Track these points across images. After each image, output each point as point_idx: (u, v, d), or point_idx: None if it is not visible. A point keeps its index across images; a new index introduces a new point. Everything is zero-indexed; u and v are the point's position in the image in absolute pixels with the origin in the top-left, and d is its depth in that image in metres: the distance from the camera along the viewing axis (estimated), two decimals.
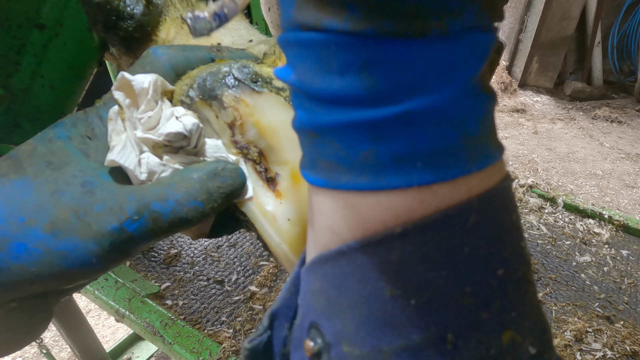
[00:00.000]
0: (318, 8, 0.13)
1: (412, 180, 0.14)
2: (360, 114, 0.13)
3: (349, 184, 0.15)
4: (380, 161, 0.14)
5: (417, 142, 0.13)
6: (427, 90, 0.13)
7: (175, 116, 0.25)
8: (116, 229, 0.22)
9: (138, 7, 0.38)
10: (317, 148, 0.15)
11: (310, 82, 0.14)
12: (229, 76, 0.26)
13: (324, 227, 0.16)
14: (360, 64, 0.13)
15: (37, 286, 0.22)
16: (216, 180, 0.25)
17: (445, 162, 0.14)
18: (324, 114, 0.14)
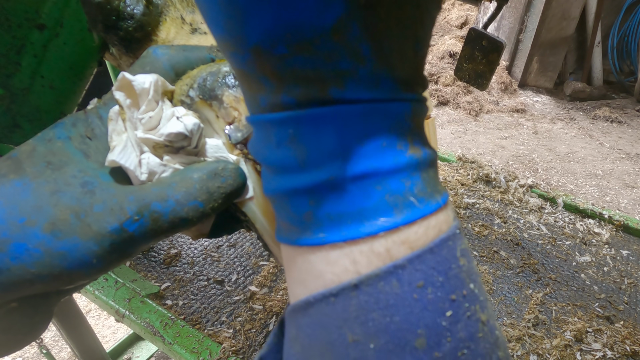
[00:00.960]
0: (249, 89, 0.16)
1: (346, 235, 0.15)
2: (297, 181, 0.16)
3: (300, 240, 0.16)
4: (318, 220, 0.16)
5: (345, 203, 0.15)
6: (347, 155, 0.15)
7: (176, 116, 0.25)
8: (116, 230, 0.22)
9: (138, 7, 0.38)
10: (277, 211, 0.17)
11: (262, 155, 0.16)
12: (229, 76, 0.26)
13: (293, 279, 0.18)
14: (288, 137, 0.15)
15: (38, 287, 0.22)
16: (216, 180, 0.25)
17: (375, 218, 0.15)
18: (273, 182, 0.17)
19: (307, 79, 0.14)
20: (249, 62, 0.14)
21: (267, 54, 0.14)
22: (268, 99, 0.15)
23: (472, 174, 1.10)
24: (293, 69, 0.14)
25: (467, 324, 0.15)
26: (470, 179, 1.09)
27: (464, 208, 0.99)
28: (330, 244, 0.16)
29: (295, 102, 0.14)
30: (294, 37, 0.13)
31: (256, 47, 0.14)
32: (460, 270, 0.16)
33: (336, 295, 0.16)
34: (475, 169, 1.12)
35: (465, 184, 1.08)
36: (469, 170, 1.11)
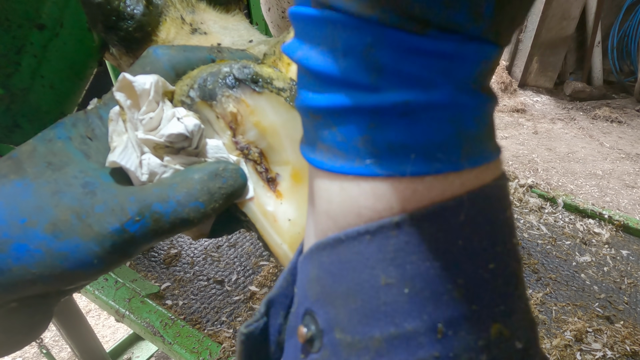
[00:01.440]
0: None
1: (405, 170, 0.14)
2: (359, 98, 0.14)
3: (345, 168, 0.15)
4: (375, 148, 0.14)
5: (413, 133, 0.14)
6: (425, 84, 0.13)
7: (176, 117, 0.25)
8: (117, 230, 0.22)
9: (138, 7, 0.38)
10: (317, 129, 0.15)
11: (315, 61, 0.14)
12: (229, 76, 0.26)
13: (322, 212, 0.16)
14: (363, 47, 0.13)
15: (39, 287, 0.22)
16: (217, 181, 0.25)
17: (440, 156, 0.14)
18: (325, 95, 0.14)
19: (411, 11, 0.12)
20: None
21: None
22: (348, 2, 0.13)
23: None
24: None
25: (507, 279, 0.15)
26: None
27: None
28: (382, 177, 0.14)
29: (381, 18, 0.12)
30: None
31: None
32: (506, 222, 0.15)
33: (373, 234, 0.14)
34: None
35: None
36: None
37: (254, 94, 0.26)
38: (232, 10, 0.42)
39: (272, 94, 0.27)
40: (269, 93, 0.27)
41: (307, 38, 0.15)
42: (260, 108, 0.26)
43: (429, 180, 0.14)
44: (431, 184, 0.14)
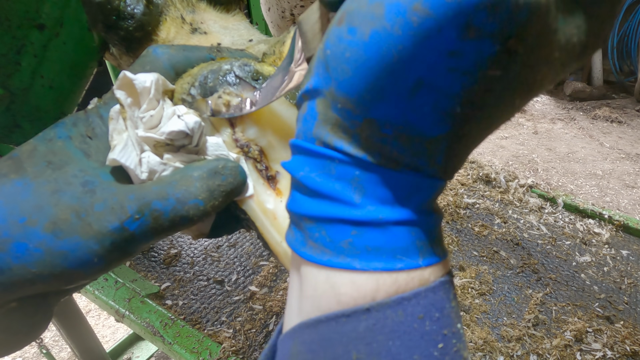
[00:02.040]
0: (332, 130, 0.18)
1: (377, 267, 0.18)
2: (346, 212, 0.18)
3: (331, 262, 0.18)
4: (356, 249, 0.18)
5: (384, 240, 0.18)
6: (394, 205, 0.18)
7: (177, 115, 0.25)
8: (117, 228, 0.22)
9: (138, 6, 0.38)
10: (309, 230, 0.19)
11: (314, 181, 0.18)
12: (230, 74, 0.26)
13: (308, 297, 0.20)
14: (352, 176, 0.18)
15: (39, 286, 0.22)
16: (217, 179, 0.25)
17: (403, 257, 0.18)
18: (319, 207, 0.18)
19: (389, 155, 0.17)
20: (355, 122, 0.17)
21: (375, 127, 0.17)
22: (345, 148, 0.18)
23: (472, 173, 1.10)
24: (384, 145, 0.17)
25: (453, 357, 0.18)
26: (471, 179, 1.09)
27: (464, 208, 0.99)
28: (360, 271, 0.18)
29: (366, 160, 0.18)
30: (403, 129, 0.16)
31: (371, 120, 0.17)
32: (452, 310, 0.19)
33: (348, 316, 0.18)
34: (475, 168, 1.12)
35: (465, 183, 1.08)
36: (469, 170, 1.11)
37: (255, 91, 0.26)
38: (232, 10, 0.43)
39: None
40: None
41: (307, 163, 0.19)
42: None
43: (395, 275, 0.18)
44: (396, 278, 0.18)
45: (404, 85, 0.15)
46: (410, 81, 0.15)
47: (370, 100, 0.16)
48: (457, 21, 0.14)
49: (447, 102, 0.16)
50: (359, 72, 0.16)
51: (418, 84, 0.15)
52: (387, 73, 0.15)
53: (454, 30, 0.14)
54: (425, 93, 0.15)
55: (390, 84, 0.15)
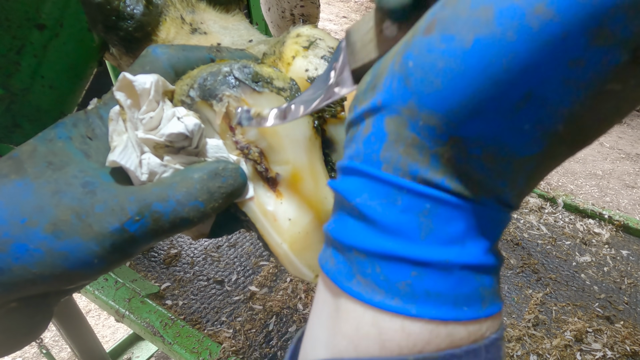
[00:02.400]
0: (406, 152, 0.16)
1: (436, 315, 0.16)
2: (408, 250, 0.16)
3: (383, 304, 0.17)
4: (414, 292, 0.16)
5: (447, 285, 0.16)
6: (465, 247, 0.16)
7: (176, 117, 0.25)
8: (117, 230, 0.22)
9: (138, 7, 0.38)
10: (359, 265, 0.17)
11: (375, 210, 0.17)
12: (229, 76, 0.26)
13: (344, 334, 0.18)
14: (420, 210, 0.16)
15: (39, 287, 0.22)
16: (217, 180, 0.25)
17: (465, 305, 0.16)
18: (377, 240, 0.17)
19: (470, 178, 0.16)
20: (438, 141, 0.15)
21: (462, 147, 0.15)
22: (421, 172, 0.16)
23: None
24: (468, 166, 0.15)
25: None
26: None
27: None
28: (415, 317, 0.16)
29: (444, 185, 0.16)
30: (493, 149, 0.15)
31: (458, 138, 0.15)
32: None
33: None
34: None
35: None
36: None
37: (254, 94, 0.26)
38: (232, 10, 0.43)
39: (272, 94, 0.27)
40: (269, 93, 0.27)
41: (367, 189, 0.17)
42: (261, 108, 0.26)
43: (452, 326, 0.16)
44: (453, 330, 0.16)
45: (509, 99, 0.14)
46: (517, 95, 0.14)
47: (463, 116, 0.14)
48: (589, 24, 0.12)
49: (552, 119, 0.14)
50: (453, 84, 0.14)
51: (525, 98, 0.14)
52: (490, 85, 0.14)
53: (583, 35, 0.12)
54: (530, 108, 0.14)
55: (492, 98, 0.14)
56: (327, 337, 0.19)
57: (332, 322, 0.19)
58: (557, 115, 0.14)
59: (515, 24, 0.13)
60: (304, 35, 0.30)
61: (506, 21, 0.13)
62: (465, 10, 0.14)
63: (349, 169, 0.18)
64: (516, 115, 0.14)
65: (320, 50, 0.30)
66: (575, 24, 0.12)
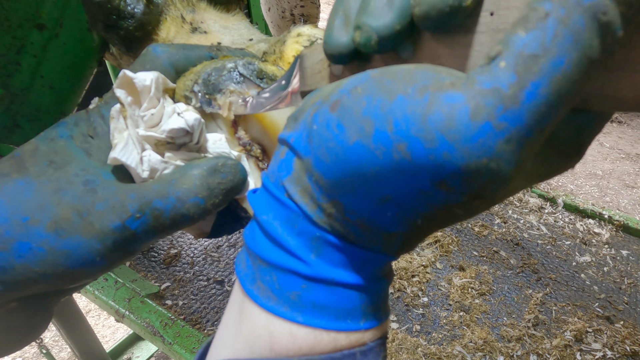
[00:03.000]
0: (301, 193, 0.18)
1: (320, 324, 0.18)
2: (299, 266, 0.18)
3: (274, 309, 0.19)
4: (302, 302, 0.18)
5: (332, 299, 0.18)
6: (348, 271, 0.18)
7: (176, 112, 0.25)
8: (119, 227, 0.22)
9: (138, 6, 0.38)
10: (261, 272, 0.19)
11: (276, 230, 0.19)
12: (234, 72, 0.26)
13: (243, 336, 0.20)
14: (313, 235, 0.18)
15: (41, 285, 0.22)
16: (216, 176, 0.24)
17: (348, 318, 0.19)
18: (276, 254, 0.19)
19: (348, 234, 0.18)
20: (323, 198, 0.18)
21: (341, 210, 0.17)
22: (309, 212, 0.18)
23: None
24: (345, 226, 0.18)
25: None
26: None
27: None
28: (301, 324, 0.18)
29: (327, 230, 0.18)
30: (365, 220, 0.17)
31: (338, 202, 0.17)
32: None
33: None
34: None
35: None
36: None
37: (259, 90, 0.26)
38: (232, 9, 0.43)
39: None
40: None
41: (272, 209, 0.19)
42: None
43: (334, 334, 0.19)
44: (335, 338, 0.19)
45: (373, 194, 0.16)
46: (379, 194, 0.16)
47: (341, 190, 0.17)
48: (433, 176, 0.14)
49: (410, 215, 0.17)
50: (336, 164, 0.16)
51: (386, 198, 0.16)
52: (361, 179, 0.16)
53: (428, 180, 0.15)
54: (390, 205, 0.16)
55: (362, 188, 0.16)
56: (229, 338, 0.21)
57: (234, 323, 0.21)
58: (414, 213, 0.16)
59: (383, 148, 0.15)
60: (304, 34, 0.30)
61: (378, 142, 0.15)
62: (359, 112, 0.16)
63: (264, 184, 0.20)
64: (380, 205, 0.16)
65: None
66: (423, 171, 0.14)
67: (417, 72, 0.15)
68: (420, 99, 0.14)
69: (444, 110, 0.14)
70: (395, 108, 0.15)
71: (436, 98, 0.14)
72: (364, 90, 0.16)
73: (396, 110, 0.15)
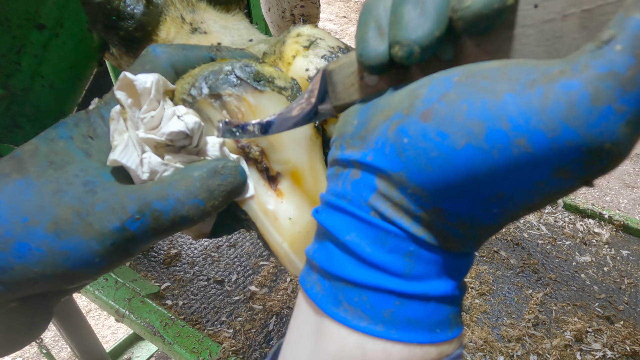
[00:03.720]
0: (393, 208, 0.18)
1: (415, 339, 0.19)
2: (393, 283, 0.18)
3: (367, 329, 0.19)
4: (396, 319, 0.19)
5: (425, 313, 0.19)
6: (441, 282, 0.19)
7: (176, 115, 0.25)
8: (118, 228, 0.22)
9: (138, 6, 0.38)
10: (346, 294, 0.19)
11: (364, 249, 0.19)
12: (231, 75, 0.26)
13: (328, 353, 0.20)
14: (406, 251, 0.18)
15: (41, 286, 0.22)
16: (216, 178, 0.25)
17: (438, 329, 0.19)
18: (365, 274, 0.19)
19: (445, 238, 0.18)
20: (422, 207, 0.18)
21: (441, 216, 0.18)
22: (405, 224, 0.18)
23: None
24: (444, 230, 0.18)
25: None
26: None
27: None
28: (395, 341, 0.19)
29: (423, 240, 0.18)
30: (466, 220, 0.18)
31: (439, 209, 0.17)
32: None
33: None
34: None
35: None
36: None
37: (256, 93, 0.26)
38: (232, 9, 0.43)
39: (273, 93, 0.27)
40: (271, 92, 0.27)
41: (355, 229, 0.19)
42: (262, 106, 0.26)
43: (426, 347, 0.19)
44: (427, 350, 0.19)
45: (484, 193, 0.16)
46: (491, 192, 0.16)
47: (446, 196, 0.17)
48: (554, 165, 0.15)
49: (515, 208, 0.17)
50: (442, 172, 0.16)
51: (497, 195, 0.16)
52: (472, 181, 0.16)
53: (548, 169, 0.15)
54: (500, 201, 0.17)
55: (471, 190, 0.16)
56: (308, 356, 0.21)
57: (313, 342, 0.21)
58: (520, 206, 0.17)
59: (500, 146, 0.15)
60: (304, 34, 0.30)
61: (493, 141, 0.15)
62: (461, 116, 0.16)
63: (335, 207, 0.20)
64: (488, 204, 0.17)
65: (321, 50, 0.30)
66: (544, 162, 0.15)
67: (513, 69, 0.15)
68: (532, 92, 0.14)
69: (563, 98, 0.14)
70: (506, 106, 0.15)
71: (550, 89, 0.14)
72: (459, 95, 0.16)
73: (508, 108, 0.15)
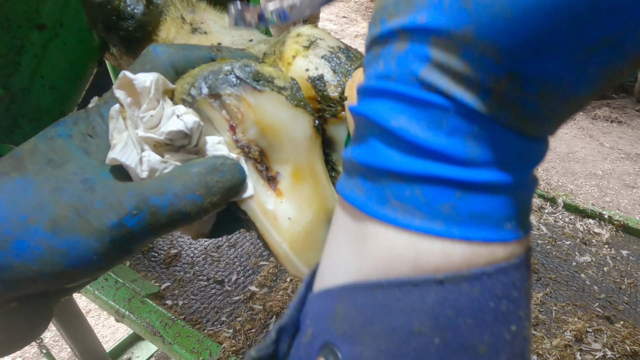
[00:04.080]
0: (453, 79, 0.15)
1: (480, 236, 0.16)
2: (453, 171, 0.15)
3: (422, 227, 0.16)
4: (457, 214, 0.16)
5: (493, 206, 0.16)
6: (510, 170, 0.16)
7: (176, 114, 0.25)
8: (116, 225, 0.22)
9: (138, 6, 0.38)
10: (395, 190, 0.16)
11: (415, 133, 0.16)
12: (230, 75, 0.26)
13: (374, 257, 0.17)
14: (469, 132, 0.15)
15: (40, 284, 0.22)
16: (215, 175, 0.25)
17: (507, 225, 0.16)
18: (417, 163, 0.16)
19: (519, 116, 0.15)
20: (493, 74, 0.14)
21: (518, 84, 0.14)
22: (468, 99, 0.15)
23: None
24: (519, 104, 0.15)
25: (522, 341, 0.16)
26: None
27: None
28: (456, 239, 0.16)
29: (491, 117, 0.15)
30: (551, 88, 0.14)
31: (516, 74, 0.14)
32: (527, 290, 0.17)
33: (417, 285, 0.16)
34: None
35: None
36: None
37: (255, 92, 0.26)
38: None
39: (273, 93, 0.27)
40: (270, 92, 0.27)
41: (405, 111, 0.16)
42: (261, 106, 0.26)
43: (493, 247, 0.16)
44: (494, 250, 0.16)
45: (586, 40, 0.13)
46: (596, 37, 0.13)
47: (529, 53, 0.13)
48: None
49: (620, 62, 0.13)
50: (526, 16, 0.13)
51: (603, 41, 0.13)
52: (570, 23, 0.12)
53: None
54: (604, 51, 0.13)
55: (568, 37, 0.13)
56: (349, 263, 0.18)
57: (355, 248, 0.18)
58: (626, 58, 0.13)
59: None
60: (304, 35, 0.30)
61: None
62: None
63: (377, 90, 0.17)
64: (587, 57, 0.13)
65: (321, 50, 0.30)
66: None
67: None
68: None
69: None
70: None
71: None
72: None
73: None
